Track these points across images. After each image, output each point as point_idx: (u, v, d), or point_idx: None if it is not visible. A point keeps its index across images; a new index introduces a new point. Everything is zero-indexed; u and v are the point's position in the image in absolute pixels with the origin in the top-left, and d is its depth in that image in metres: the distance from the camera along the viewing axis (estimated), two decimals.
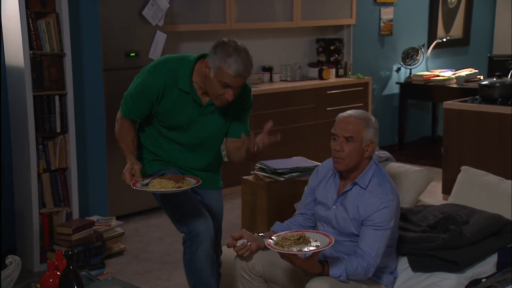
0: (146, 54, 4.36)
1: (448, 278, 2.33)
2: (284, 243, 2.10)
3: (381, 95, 6.48)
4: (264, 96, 5.10)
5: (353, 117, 2.31)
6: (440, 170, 4.63)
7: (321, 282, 2.14)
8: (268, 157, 3.98)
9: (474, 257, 2.38)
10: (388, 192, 2.26)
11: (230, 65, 2.27)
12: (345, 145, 2.27)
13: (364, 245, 2.22)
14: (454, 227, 2.41)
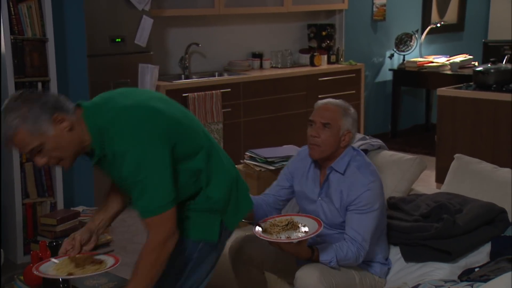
0: (132, 40, 4.33)
1: (440, 268, 2.35)
2: (273, 229, 2.11)
3: (374, 82, 6.49)
4: (254, 83, 5.09)
5: (332, 104, 2.34)
6: (434, 159, 4.65)
7: (311, 270, 2.16)
8: (258, 146, 3.98)
9: (467, 246, 2.40)
10: (368, 175, 2.27)
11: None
12: (322, 132, 2.29)
13: (351, 231, 2.24)
14: (447, 216, 2.43)
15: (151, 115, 1.70)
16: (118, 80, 4.32)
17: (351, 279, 2.27)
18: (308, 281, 2.12)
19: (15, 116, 1.63)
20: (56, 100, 1.69)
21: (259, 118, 5.12)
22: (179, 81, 4.82)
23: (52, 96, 1.70)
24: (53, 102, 1.67)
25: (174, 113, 1.79)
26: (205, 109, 4.74)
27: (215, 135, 4.84)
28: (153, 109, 1.72)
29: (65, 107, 1.69)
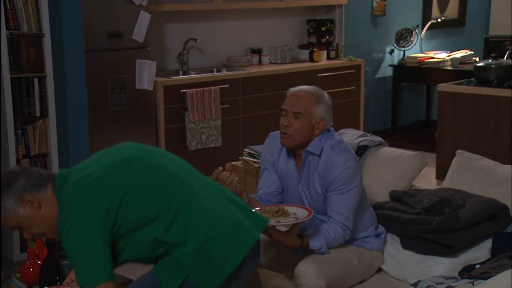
0: (129, 35, 4.32)
1: (440, 263, 2.36)
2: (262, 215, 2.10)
3: (374, 78, 6.48)
4: (253, 79, 5.08)
5: (304, 91, 2.31)
6: (434, 155, 4.65)
7: (308, 265, 2.16)
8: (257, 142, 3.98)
9: (468, 241, 2.41)
10: (342, 154, 2.25)
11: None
12: (294, 121, 2.27)
13: (334, 212, 2.25)
14: (449, 210, 2.43)
15: (89, 190, 1.73)
16: (115, 76, 4.31)
17: (349, 263, 2.28)
18: (307, 277, 2.13)
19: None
20: (28, 180, 1.78)
21: (258, 114, 5.12)
22: (177, 77, 4.81)
23: (25, 178, 1.78)
24: (23, 184, 1.77)
25: (130, 180, 1.75)
26: (203, 106, 4.74)
27: (213, 131, 4.84)
28: (95, 182, 1.74)
29: (36, 187, 1.78)
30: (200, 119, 4.74)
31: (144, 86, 4.36)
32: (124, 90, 4.36)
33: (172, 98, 4.64)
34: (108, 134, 4.33)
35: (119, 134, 4.39)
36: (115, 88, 4.32)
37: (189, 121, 4.70)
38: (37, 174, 1.82)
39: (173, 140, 4.65)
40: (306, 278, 2.13)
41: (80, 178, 1.76)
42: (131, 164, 1.81)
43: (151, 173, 1.79)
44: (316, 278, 2.12)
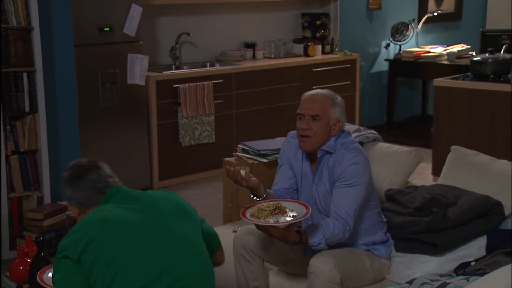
0: (120, 29, 4.30)
1: (428, 261, 2.39)
2: (260, 214, 2.13)
3: (369, 73, 6.49)
4: (247, 74, 5.07)
5: (320, 95, 2.38)
6: (430, 151, 4.66)
7: (326, 257, 2.19)
8: (251, 138, 3.98)
9: (456, 239, 2.43)
10: (352, 150, 2.33)
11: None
12: (312, 124, 2.35)
13: (335, 206, 2.27)
14: (436, 209, 2.46)
15: (68, 240, 1.79)
16: (106, 71, 4.30)
17: (363, 264, 2.32)
18: (323, 268, 2.16)
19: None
20: (84, 192, 1.87)
21: (251, 109, 5.12)
22: (169, 72, 4.80)
23: (85, 190, 1.87)
24: (78, 195, 1.87)
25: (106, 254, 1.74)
26: (197, 101, 4.73)
27: (207, 127, 4.83)
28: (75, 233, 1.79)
29: (84, 201, 1.86)
30: (193, 114, 4.73)
31: (136, 81, 4.35)
32: (116, 85, 4.34)
33: (164, 93, 4.63)
34: (99, 130, 4.32)
35: (110, 130, 4.38)
36: (106, 83, 4.31)
37: (182, 116, 4.69)
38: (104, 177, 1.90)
39: (165, 136, 4.64)
40: (323, 269, 2.16)
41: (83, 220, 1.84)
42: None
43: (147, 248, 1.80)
44: (332, 270, 2.16)
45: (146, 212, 1.83)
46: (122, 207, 1.82)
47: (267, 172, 3.25)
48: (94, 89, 4.26)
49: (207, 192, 4.65)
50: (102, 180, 1.88)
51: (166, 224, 1.82)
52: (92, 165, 1.91)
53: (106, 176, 1.90)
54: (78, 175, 1.87)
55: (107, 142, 4.37)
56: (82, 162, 1.93)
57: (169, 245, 1.79)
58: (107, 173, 1.91)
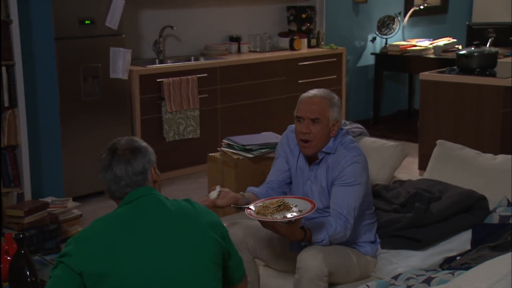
0: (102, 22, 4.27)
1: (411, 255, 2.41)
2: (265, 211, 2.15)
3: (356, 67, 6.51)
4: (232, 68, 5.06)
5: (318, 97, 2.39)
6: (417, 145, 4.69)
7: (315, 252, 2.21)
8: (236, 133, 3.97)
9: (440, 234, 2.45)
10: (352, 149, 2.37)
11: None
12: (312, 127, 2.36)
13: (336, 205, 2.31)
14: (419, 204, 2.48)
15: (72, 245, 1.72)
16: (88, 65, 4.26)
17: (349, 259, 2.35)
18: (312, 263, 2.18)
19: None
20: (110, 184, 1.79)
21: (237, 104, 5.11)
22: (153, 66, 4.77)
23: (110, 182, 1.78)
24: (107, 185, 1.79)
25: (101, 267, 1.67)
26: (181, 95, 4.71)
27: (191, 122, 4.82)
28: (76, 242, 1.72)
29: (111, 193, 1.79)
30: (177, 109, 4.72)
31: (119, 75, 4.32)
32: (98, 79, 4.32)
33: (148, 87, 4.61)
34: (80, 125, 4.29)
35: (92, 125, 4.35)
36: (88, 77, 4.28)
37: (166, 111, 4.67)
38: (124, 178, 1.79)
39: (149, 131, 4.62)
40: (310, 263, 2.18)
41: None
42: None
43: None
44: (320, 264, 2.18)
45: (153, 236, 1.69)
46: (133, 224, 1.70)
47: (252, 167, 3.25)
48: (76, 84, 4.22)
49: (192, 188, 4.64)
50: (128, 177, 1.74)
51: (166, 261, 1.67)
52: (126, 154, 1.75)
53: (135, 173, 1.75)
54: (106, 165, 1.76)
55: (89, 137, 4.33)
56: (117, 146, 1.77)
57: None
58: (138, 169, 1.75)
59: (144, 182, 1.77)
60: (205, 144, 4.83)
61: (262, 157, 3.27)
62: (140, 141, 1.82)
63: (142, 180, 1.76)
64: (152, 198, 1.75)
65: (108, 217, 1.75)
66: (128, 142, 1.78)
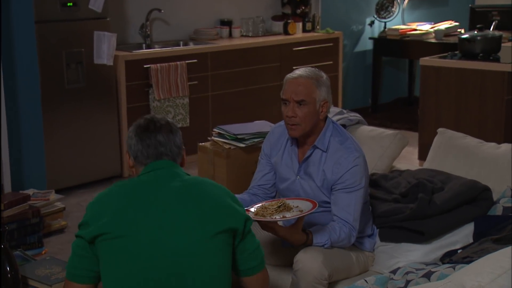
0: (85, 4, 4.24)
1: (413, 249, 2.41)
2: (265, 212, 2.14)
3: (353, 52, 6.50)
4: (223, 53, 5.05)
5: (303, 77, 2.34)
6: (417, 134, 4.70)
7: (314, 254, 2.20)
8: (227, 122, 3.96)
9: (443, 226, 2.46)
10: (352, 150, 2.33)
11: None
12: (298, 110, 2.32)
13: (341, 211, 2.29)
14: (422, 195, 2.47)
15: (94, 203, 1.86)
16: (70, 49, 4.24)
17: (349, 259, 2.34)
18: (311, 265, 2.17)
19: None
20: (145, 149, 1.88)
21: (228, 91, 5.10)
22: (139, 51, 4.75)
23: (147, 147, 1.88)
24: (138, 149, 1.88)
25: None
26: (169, 82, 4.70)
27: (180, 110, 4.81)
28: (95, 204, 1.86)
29: (139, 157, 1.88)
30: (166, 97, 4.70)
31: (103, 61, 4.30)
32: (81, 65, 4.29)
33: (134, 74, 4.58)
34: (63, 114, 4.27)
35: (76, 114, 4.33)
36: (71, 63, 4.25)
37: (153, 99, 4.65)
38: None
39: (136, 120, 4.57)
40: (310, 265, 2.17)
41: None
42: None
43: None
44: (320, 267, 2.17)
45: (166, 209, 1.77)
46: (149, 192, 1.80)
47: (244, 158, 3.25)
48: (58, 70, 4.20)
49: None
50: (169, 146, 1.85)
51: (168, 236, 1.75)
52: (167, 125, 1.88)
53: (176, 145, 1.87)
54: (144, 129, 1.86)
55: (73, 126, 4.32)
56: (155, 117, 1.91)
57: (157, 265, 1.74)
58: (178, 142, 1.88)
59: (178, 157, 1.88)
60: (195, 134, 4.82)
61: (254, 147, 3.27)
62: (171, 120, 1.95)
63: (177, 154, 1.88)
64: (172, 172, 1.83)
65: (127, 182, 1.85)
66: (164, 118, 1.91)
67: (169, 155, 1.85)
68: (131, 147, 1.87)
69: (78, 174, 4.36)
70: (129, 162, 1.91)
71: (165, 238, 1.74)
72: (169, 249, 1.73)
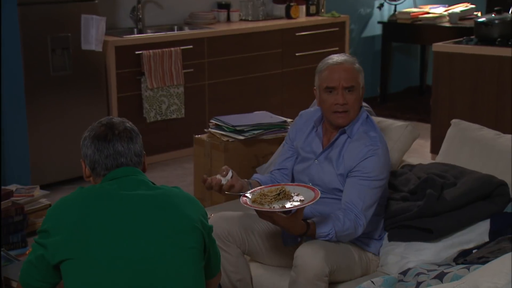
0: None
1: (423, 248, 2.42)
2: (263, 199, 2.15)
3: (361, 37, 6.49)
4: (221, 39, 5.04)
5: (348, 62, 2.45)
6: (429, 126, 4.70)
7: (315, 249, 2.20)
8: (225, 112, 3.97)
9: (455, 223, 2.46)
10: (376, 140, 2.39)
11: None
12: (348, 96, 2.40)
13: (349, 197, 2.31)
14: (430, 191, 2.47)
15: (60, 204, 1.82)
16: (56, 34, 4.23)
17: (351, 258, 2.36)
18: (311, 262, 2.17)
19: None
20: (103, 159, 1.85)
21: (226, 80, 5.10)
22: (130, 36, 4.75)
23: (105, 157, 1.84)
24: (96, 160, 1.85)
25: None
26: (163, 70, 4.70)
27: (175, 100, 4.81)
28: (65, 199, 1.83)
29: (98, 169, 1.85)
30: (159, 85, 4.70)
31: (92, 46, 4.29)
32: (68, 51, 4.29)
33: (125, 61, 4.58)
34: (49, 104, 4.28)
35: (62, 104, 4.34)
36: (57, 49, 4.25)
37: (146, 88, 4.65)
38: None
39: (127, 110, 4.61)
40: (310, 261, 2.18)
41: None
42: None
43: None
44: (321, 263, 2.18)
45: (131, 219, 1.75)
46: (113, 200, 1.77)
47: (244, 151, 3.26)
48: (43, 56, 4.19)
49: (176, 174, 4.65)
50: (129, 155, 1.83)
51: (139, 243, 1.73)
52: (126, 132, 1.84)
53: (136, 153, 1.84)
54: (103, 137, 1.82)
55: (59, 117, 4.32)
56: (114, 122, 1.85)
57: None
58: (138, 149, 1.85)
59: (139, 166, 1.86)
60: (190, 125, 4.82)
61: (255, 140, 3.27)
62: (130, 122, 1.90)
63: (138, 163, 1.85)
64: (137, 179, 1.81)
65: (90, 189, 1.81)
66: (122, 121, 1.87)
67: (129, 165, 1.83)
68: (87, 156, 1.83)
69: (64, 169, 4.36)
70: (86, 172, 1.87)
71: (130, 247, 1.71)
72: (138, 258, 1.71)
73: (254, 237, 2.43)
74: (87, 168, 1.85)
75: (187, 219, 1.78)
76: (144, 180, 1.83)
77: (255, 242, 2.44)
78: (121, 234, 1.72)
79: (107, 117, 1.89)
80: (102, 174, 1.82)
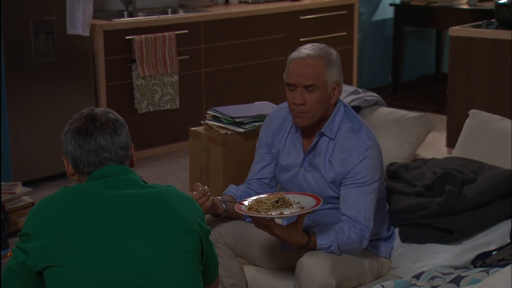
0: None
1: (440, 251, 2.42)
2: (260, 207, 2.14)
3: (371, 21, 6.49)
4: (219, 23, 5.04)
5: (311, 57, 2.32)
6: (445, 117, 4.71)
7: (321, 259, 2.19)
8: (223, 103, 3.97)
9: (476, 224, 2.46)
10: (364, 138, 2.32)
11: None
12: (307, 96, 2.30)
13: (349, 209, 2.28)
14: (450, 187, 2.47)
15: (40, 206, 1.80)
16: (39, 17, 4.24)
17: (361, 266, 2.34)
18: (317, 273, 2.16)
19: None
20: (85, 155, 1.82)
21: (224, 67, 5.10)
22: (120, 20, 4.76)
23: (87, 153, 1.82)
24: (77, 156, 1.82)
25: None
26: (156, 57, 4.70)
27: (169, 89, 4.81)
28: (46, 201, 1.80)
29: (81, 165, 1.82)
30: (152, 74, 4.71)
31: (78, 31, 4.29)
32: (52, 35, 4.29)
33: (115, 47, 4.59)
34: (31, 92, 4.29)
35: (46, 93, 4.34)
36: (40, 33, 4.25)
37: (137, 76, 4.66)
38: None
39: (117, 100, 4.62)
40: (315, 273, 2.16)
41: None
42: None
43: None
44: (327, 274, 2.16)
45: (120, 222, 1.73)
46: (100, 201, 1.75)
47: (243, 144, 3.26)
48: (25, 41, 4.19)
49: (169, 170, 4.65)
50: (113, 149, 1.79)
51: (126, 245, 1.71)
52: (109, 123, 1.80)
53: (121, 146, 1.81)
54: (84, 131, 1.79)
55: (43, 108, 4.33)
56: (95, 113, 1.82)
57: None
58: (123, 142, 1.81)
59: (126, 160, 1.82)
60: (186, 117, 4.83)
61: (255, 132, 3.26)
62: (114, 112, 1.86)
63: (124, 157, 1.82)
64: (126, 178, 1.78)
65: (75, 189, 1.78)
66: (105, 112, 1.83)
67: (114, 159, 1.79)
68: (68, 153, 1.80)
69: (49, 164, 4.37)
70: (69, 170, 1.84)
71: (121, 252, 1.69)
72: (129, 263, 1.69)
73: (248, 239, 2.42)
74: (70, 166, 1.82)
75: (183, 220, 1.75)
76: (134, 179, 1.80)
77: (250, 246, 2.43)
78: (110, 238, 1.70)
79: (89, 107, 1.86)
80: (86, 172, 1.80)
